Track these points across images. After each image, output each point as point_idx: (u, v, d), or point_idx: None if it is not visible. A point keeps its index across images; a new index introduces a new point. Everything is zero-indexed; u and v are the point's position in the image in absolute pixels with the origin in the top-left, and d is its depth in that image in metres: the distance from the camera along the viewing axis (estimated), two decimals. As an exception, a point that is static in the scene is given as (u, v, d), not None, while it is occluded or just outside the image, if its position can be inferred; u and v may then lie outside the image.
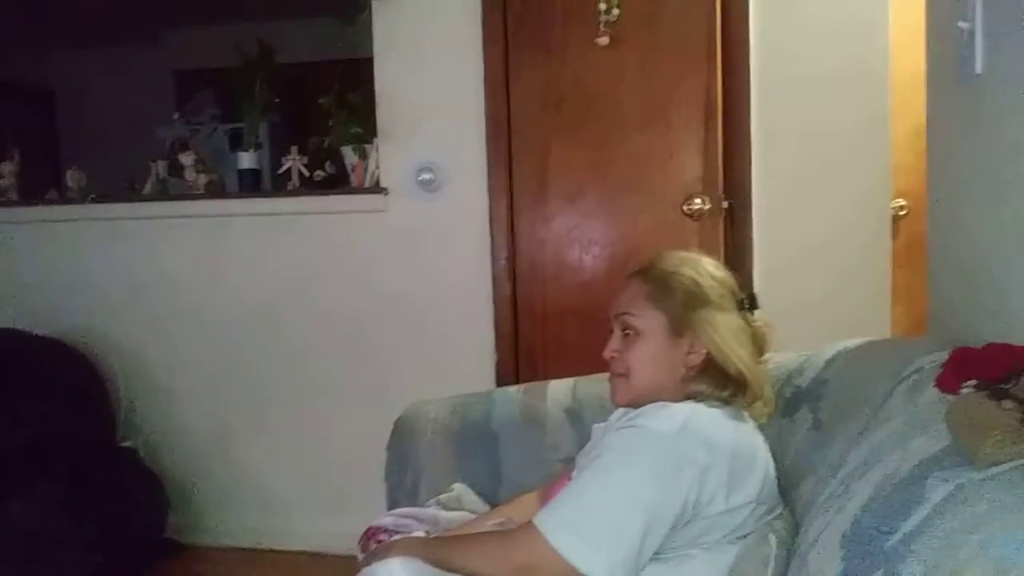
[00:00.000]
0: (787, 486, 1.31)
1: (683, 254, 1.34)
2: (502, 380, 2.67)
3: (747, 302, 1.32)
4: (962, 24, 1.30)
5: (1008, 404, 0.83)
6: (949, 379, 1.04)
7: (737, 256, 2.57)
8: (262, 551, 2.85)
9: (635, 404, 1.28)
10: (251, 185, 2.95)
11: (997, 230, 1.26)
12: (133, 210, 3.00)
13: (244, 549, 2.86)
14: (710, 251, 2.51)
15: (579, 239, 2.71)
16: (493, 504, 1.59)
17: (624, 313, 1.30)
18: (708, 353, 1.26)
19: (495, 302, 2.72)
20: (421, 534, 1.39)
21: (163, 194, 3.05)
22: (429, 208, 2.73)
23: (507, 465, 1.66)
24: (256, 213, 2.89)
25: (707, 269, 1.31)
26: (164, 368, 2.97)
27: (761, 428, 1.31)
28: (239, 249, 2.90)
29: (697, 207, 2.56)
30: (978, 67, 1.28)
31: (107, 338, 2.97)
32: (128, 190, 3.21)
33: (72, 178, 3.11)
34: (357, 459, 2.43)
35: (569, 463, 1.46)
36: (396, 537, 1.36)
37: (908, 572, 0.74)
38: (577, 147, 2.67)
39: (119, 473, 2.73)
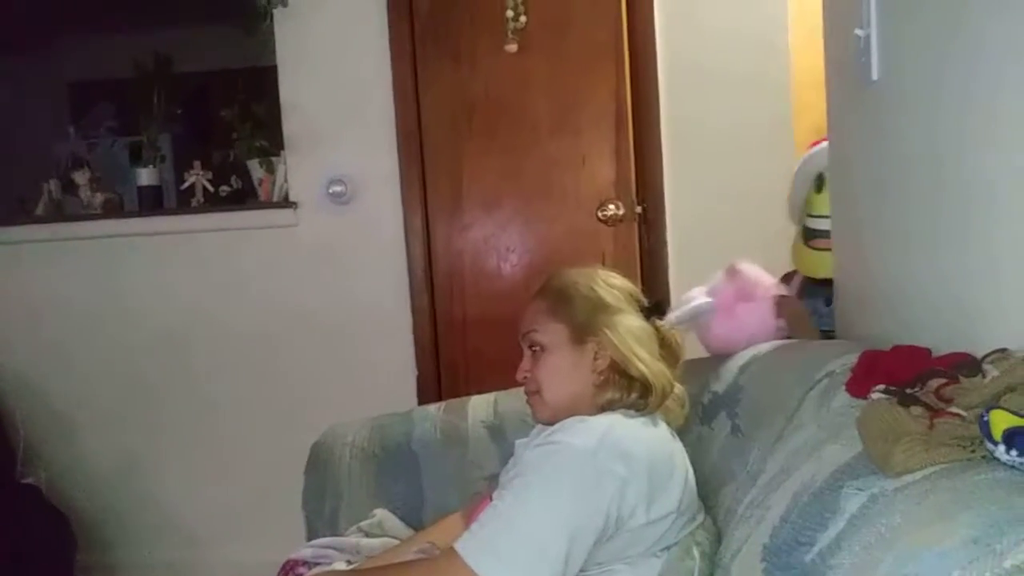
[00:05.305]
0: (708, 492, 1.32)
1: (580, 269, 1.35)
2: (424, 394, 2.63)
3: (653, 308, 1.33)
4: (859, 32, 1.33)
5: (917, 411, 0.84)
6: (858, 384, 1.05)
7: (652, 261, 2.60)
8: (177, 585, 2.73)
9: (554, 420, 1.26)
10: (152, 202, 2.83)
11: (897, 233, 1.29)
12: (25, 233, 2.83)
13: (158, 585, 2.73)
14: (626, 256, 2.56)
15: (496, 247, 2.69)
16: (416, 527, 1.55)
17: (529, 331, 1.31)
18: (612, 357, 1.26)
19: (414, 315, 2.67)
20: (342, 565, 1.35)
21: (58, 215, 2.89)
22: (341, 221, 2.67)
23: (429, 486, 1.62)
24: (158, 232, 2.76)
25: (603, 277, 1.33)
26: (65, 398, 2.81)
27: (681, 434, 1.31)
28: (141, 270, 2.77)
29: (611, 212, 2.58)
30: (874, 73, 1.31)
31: (1, 368, 2.79)
32: (19, 211, 3.02)
33: (-44, 200, 2.92)
34: (274, 487, 2.34)
35: (492, 480, 1.43)
36: (315, 570, 1.32)
37: (828, 587, 0.75)
38: (490, 155, 2.65)
39: (20, 512, 2.57)
